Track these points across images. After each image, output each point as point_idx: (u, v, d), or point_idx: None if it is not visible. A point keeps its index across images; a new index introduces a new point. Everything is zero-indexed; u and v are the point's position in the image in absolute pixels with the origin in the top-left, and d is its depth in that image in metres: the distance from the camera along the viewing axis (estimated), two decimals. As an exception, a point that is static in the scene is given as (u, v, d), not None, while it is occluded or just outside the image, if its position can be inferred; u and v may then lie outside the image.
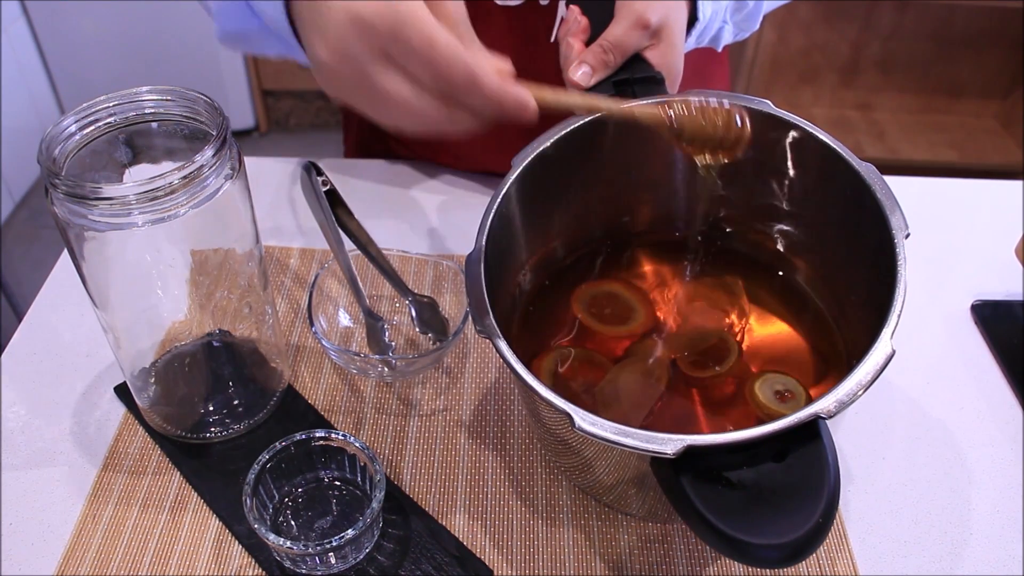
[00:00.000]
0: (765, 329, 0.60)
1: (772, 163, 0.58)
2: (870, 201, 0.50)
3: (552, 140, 0.56)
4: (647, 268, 0.64)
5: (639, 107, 0.53)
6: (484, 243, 0.50)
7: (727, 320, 0.60)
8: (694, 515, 0.39)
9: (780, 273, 0.62)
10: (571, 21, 0.59)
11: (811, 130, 0.54)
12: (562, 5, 0.70)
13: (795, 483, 0.39)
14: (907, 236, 0.48)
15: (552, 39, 0.71)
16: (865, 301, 0.54)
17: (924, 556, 0.55)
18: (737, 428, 0.41)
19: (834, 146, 0.53)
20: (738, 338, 0.59)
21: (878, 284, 0.49)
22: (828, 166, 0.54)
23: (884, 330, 0.44)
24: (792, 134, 0.56)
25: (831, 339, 0.58)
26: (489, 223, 0.51)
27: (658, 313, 0.61)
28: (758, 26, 0.73)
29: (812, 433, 0.40)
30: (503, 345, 0.45)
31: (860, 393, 0.41)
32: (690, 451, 0.39)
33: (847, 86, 2.37)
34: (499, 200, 0.53)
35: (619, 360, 0.58)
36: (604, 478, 0.51)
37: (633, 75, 0.57)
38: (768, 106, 0.56)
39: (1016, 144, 2.31)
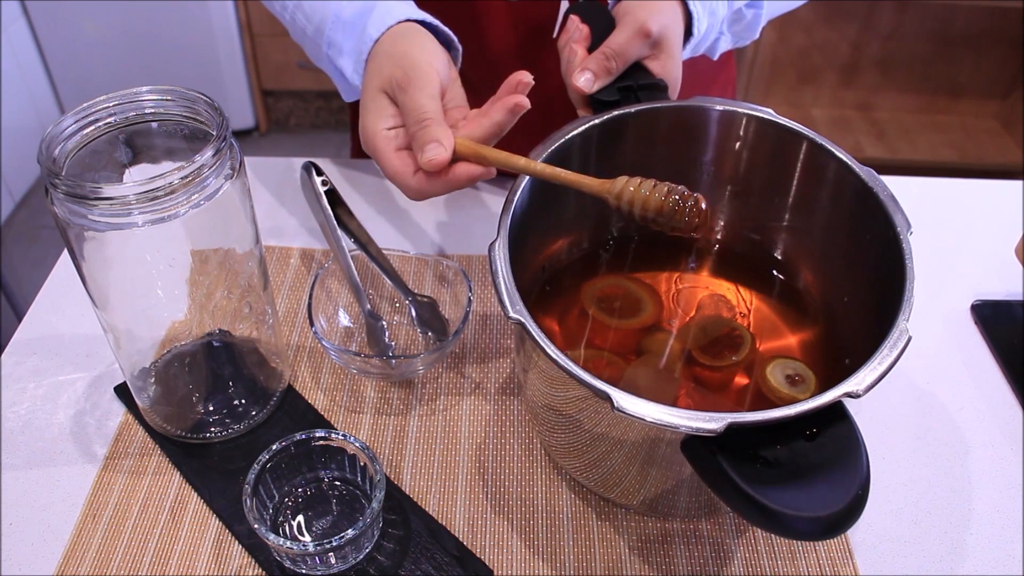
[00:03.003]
0: (764, 328, 0.60)
1: (774, 169, 0.59)
2: (873, 203, 0.52)
3: (565, 138, 0.56)
4: (650, 267, 0.65)
5: (586, 179, 0.52)
6: (508, 229, 0.50)
7: (736, 310, 0.61)
8: (733, 491, 0.40)
9: (775, 272, 0.63)
10: (572, 29, 0.60)
11: (812, 136, 0.55)
12: (564, 2, 0.70)
13: (828, 460, 0.40)
14: (911, 233, 0.49)
15: (555, 35, 0.72)
16: (860, 301, 0.55)
17: (924, 556, 0.55)
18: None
19: (835, 151, 0.54)
20: (748, 327, 0.60)
21: (879, 282, 0.51)
22: (829, 171, 0.55)
23: (900, 316, 0.45)
24: (793, 141, 0.56)
25: (824, 337, 0.59)
26: (512, 210, 0.51)
27: (667, 303, 0.62)
28: (758, 35, 0.73)
29: (841, 413, 0.42)
30: (536, 330, 0.45)
31: (885, 373, 0.43)
32: (729, 430, 0.40)
33: (847, 86, 2.37)
34: (520, 191, 0.53)
35: (632, 353, 0.58)
36: (614, 471, 0.51)
37: (637, 82, 0.58)
38: (770, 114, 0.57)
39: (1016, 144, 2.31)
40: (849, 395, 0.41)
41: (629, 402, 0.41)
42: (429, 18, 0.61)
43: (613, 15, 0.62)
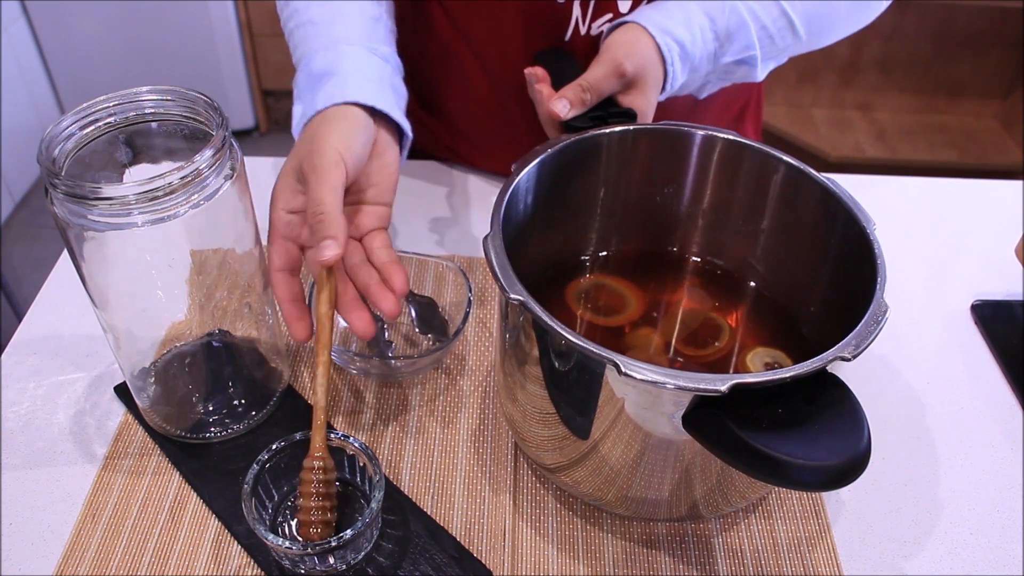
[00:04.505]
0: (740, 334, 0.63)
1: (742, 187, 0.62)
2: (836, 206, 0.54)
3: (552, 150, 0.58)
4: (627, 276, 0.66)
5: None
6: (501, 220, 0.51)
7: (712, 301, 0.64)
8: (740, 447, 0.41)
9: (752, 283, 0.65)
10: (530, 74, 0.65)
11: (775, 153, 0.58)
12: (577, 5, 0.71)
13: (829, 420, 0.42)
14: (874, 228, 0.52)
15: (567, 38, 0.73)
16: (825, 305, 0.58)
17: (924, 556, 0.55)
18: None
19: (798, 165, 0.57)
20: (729, 320, 0.62)
21: (848, 277, 0.54)
22: (793, 183, 0.58)
23: (877, 290, 0.47)
24: (756, 159, 0.59)
25: (797, 341, 0.61)
26: (505, 202, 0.53)
27: (648, 299, 0.64)
28: (760, 79, 0.73)
29: (835, 381, 0.44)
30: (537, 307, 0.45)
31: (872, 339, 0.45)
32: (733, 391, 0.41)
33: (847, 86, 2.37)
34: (511, 189, 0.54)
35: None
36: (598, 473, 0.52)
37: (608, 111, 0.63)
38: (734, 135, 0.60)
39: (1016, 144, 2.31)
40: (841, 359, 0.43)
41: (635, 367, 0.42)
42: (380, 104, 0.60)
43: (574, 63, 0.67)
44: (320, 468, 0.52)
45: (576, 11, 0.71)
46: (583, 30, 0.73)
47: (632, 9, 0.71)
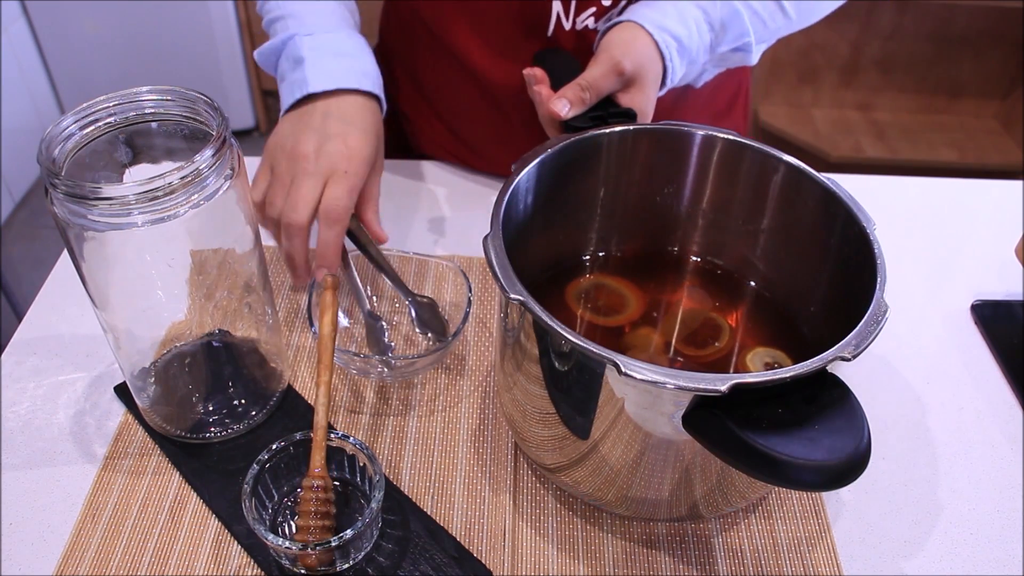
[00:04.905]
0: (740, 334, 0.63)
1: (742, 187, 0.62)
2: (836, 206, 0.54)
3: (552, 150, 0.58)
4: (627, 276, 0.66)
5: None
6: (501, 220, 0.51)
7: (714, 304, 0.64)
8: (740, 447, 0.41)
9: (751, 283, 0.65)
10: (528, 76, 0.65)
11: (775, 153, 0.58)
12: (556, 1, 0.71)
13: (829, 420, 0.42)
14: (874, 228, 0.52)
15: (550, 34, 0.73)
16: (825, 305, 0.58)
17: (924, 556, 0.55)
18: None
19: (798, 165, 0.57)
20: (729, 320, 0.63)
21: (848, 277, 0.54)
22: (793, 183, 0.58)
23: (877, 290, 0.47)
24: (756, 159, 0.59)
25: (797, 342, 0.61)
26: (505, 202, 0.53)
27: (648, 299, 0.64)
28: (754, 63, 0.74)
29: (835, 381, 0.44)
30: (537, 307, 0.46)
31: (872, 338, 0.45)
32: (733, 390, 0.41)
33: (847, 86, 2.36)
34: (511, 189, 0.54)
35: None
36: (598, 473, 0.52)
37: (608, 111, 0.63)
38: (734, 135, 0.60)
39: (1016, 144, 2.31)
40: (841, 358, 0.43)
41: (635, 367, 0.42)
42: (367, 85, 0.69)
43: (572, 60, 0.68)
44: (320, 488, 0.52)
45: (557, 6, 0.72)
46: (567, 25, 0.73)
47: (616, 2, 0.72)
